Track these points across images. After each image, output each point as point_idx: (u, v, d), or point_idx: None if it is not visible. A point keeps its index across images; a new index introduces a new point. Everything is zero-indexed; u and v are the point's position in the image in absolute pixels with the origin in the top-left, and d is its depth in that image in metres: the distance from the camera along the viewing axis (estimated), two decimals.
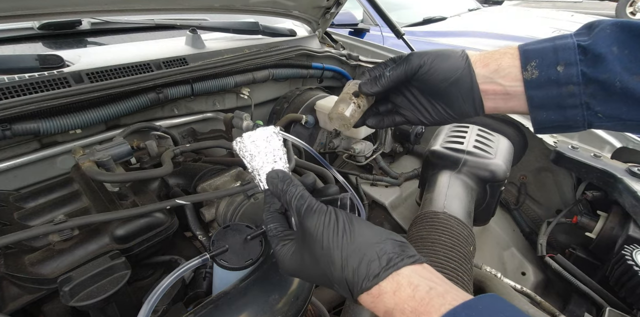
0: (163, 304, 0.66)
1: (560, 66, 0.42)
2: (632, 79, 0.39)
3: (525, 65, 0.44)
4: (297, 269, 0.44)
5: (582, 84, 0.41)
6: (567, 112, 0.44)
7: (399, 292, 0.37)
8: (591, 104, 0.42)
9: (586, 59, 0.41)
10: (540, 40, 0.46)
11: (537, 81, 0.44)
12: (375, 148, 1.40)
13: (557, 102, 0.44)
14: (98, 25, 1.40)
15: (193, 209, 0.84)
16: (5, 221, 0.71)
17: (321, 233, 0.41)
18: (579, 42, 0.41)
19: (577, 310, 0.93)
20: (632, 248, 0.83)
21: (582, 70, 0.41)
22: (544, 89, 0.44)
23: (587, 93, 0.42)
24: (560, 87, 0.43)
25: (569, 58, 0.42)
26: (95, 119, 0.98)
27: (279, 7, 1.38)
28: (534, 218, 1.35)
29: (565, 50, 0.42)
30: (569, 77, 0.42)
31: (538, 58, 0.44)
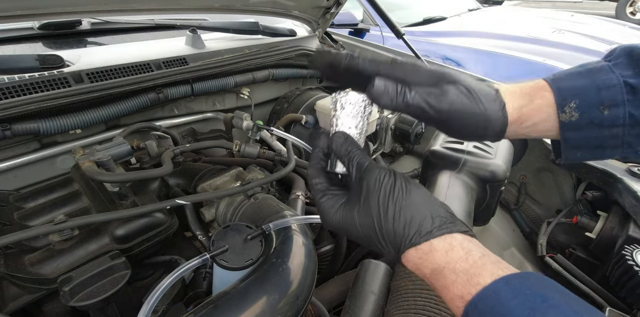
0: (163, 304, 0.66)
1: (604, 108, 0.37)
2: None
3: (562, 106, 0.39)
4: (342, 222, 0.42)
5: (628, 125, 0.38)
6: (604, 152, 0.41)
7: (451, 252, 0.35)
8: (633, 144, 0.39)
9: (635, 99, 0.37)
10: (574, 74, 0.41)
11: (576, 123, 0.39)
12: (375, 148, 1.40)
13: (596, 143, 0.40)
14: (98, 25, 1.40)
15: (193, 209, 0.84)
16: (5, 221, 0.71)
17: (379, 187, 0.40)
18: (625, 79, 0.37)
19: None
20: (632, 248, 0.83)
21: (629, 112, 0.37)
22: (583, 131, 0.39)
23: (633, 134, 0.38)
24: (602, 129, 0.39)
25: (615, 98, 0.37)
26: (95, 119, 0.98)
27: (279, 7, 1.38)
28: (534, 218, 1.35)
29: (610, 88, 0.37)
30: (614, 119, 0.38)
31: (577, 98, 0.39)
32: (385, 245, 0.39)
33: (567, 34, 3.02)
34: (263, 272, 0.59)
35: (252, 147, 0.97)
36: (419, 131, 1.39)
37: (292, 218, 0.68)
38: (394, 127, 1.38)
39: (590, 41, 2.85)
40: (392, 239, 0.38)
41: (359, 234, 0.41)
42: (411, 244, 0.37)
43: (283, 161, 1.00)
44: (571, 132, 0.40)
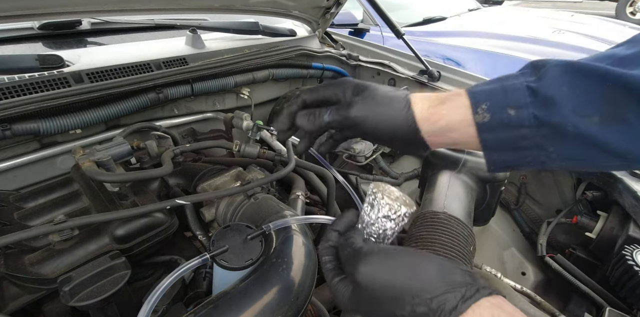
0: (163, 304, 0.66)
1: (511, 109, 0.40)
2: (584, 122, 0.37)
3: (476, 108, 0.43)
4: (357, 309, 0.42)
5: (535, 126, 0.40)
6: (519, 153, 0.43)
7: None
8: (545, 146, 0.41)
9: (536, 101, 0.39)
10: (488, 81, 0.44)
11: (489, 124, 0.42)
12: (375, 148, 1.40)
13: (510, 145, 0.42)
14: (98, 25, 1.40)
15: (193, 209, 0.84)
16: (5, 221, 0.71)
17: (378, 278, 0.39)
18: (527, 83, 0.40)
19: (577, 310, 0.93)
20: (633, 248, 0.83)
21: (533, 113, 0.39)
22: (496, 132, 0.42)
23: (540, 135, 0.40)
24: (512, 130, 0.41)
25: (519, 100, 0.40)
26: (95, 119, 0.98)
27: (279, 7, 1.38)
28: (534, 218, 1.35)
29: (515, 91, 0.41)
30: (521, 120, 0.40)
31: (488, 100, 0.42)
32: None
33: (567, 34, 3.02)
34: (263, 272, 0.59)
35: (252, 147, 0.97)
36: None
37: (292, 218, 0.68)
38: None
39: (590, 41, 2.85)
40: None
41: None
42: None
43: (283, 161, 1.00)
44: (486, 134, 0.43)
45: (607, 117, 0.36)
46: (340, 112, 0.48)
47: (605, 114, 0.36)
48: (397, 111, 0.46)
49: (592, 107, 0.37)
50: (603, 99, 0.36)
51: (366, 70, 1.69)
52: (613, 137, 0.37)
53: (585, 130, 0.37)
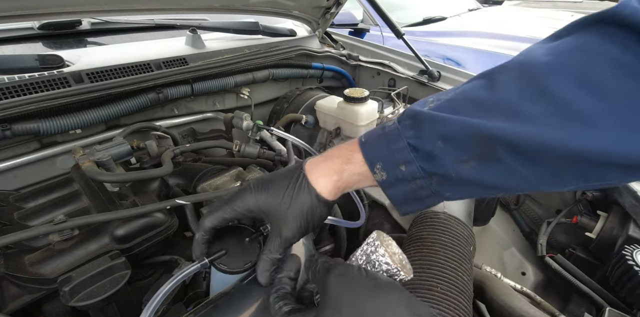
0: (163, 304, 0.66)
1: (401, 166, 0.44)
2: (463, 168, 0.41)
3: (372, 168, 0.46)
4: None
5: (426, 177, 0.44)
6: (424, 201, 0.47)
7: None
8: (441, 192, 0.45)
9: (419, 156, 0.43)
10: (376, 137, 0.47)
11: (388, 182, 0.46)
12: None
13: (413, 196, 0.46)
14: (98, 25, 1.40)
15: (193, 209, 0.84)
16: (5, 221, 0.71)
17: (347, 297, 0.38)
18: (408, 141, 0.44)
19: (577, 310, 0.93)
20: (633, 248, 0.83)
21: (420, 166, 0.43)
22: (398, 187, 0.46)
23: (434, 183, 0.44)
24: (409, 183, 0.45)
25: (405, 157, 0.44)
26: (95, 119, 0.98)
27: (279, 7, 1.38)
28: (534, 218, 1.35)
29: (400, 150, 0.44)
30: (413, 173, 0.44)
31: (380, 161, 0.46)
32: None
33: None
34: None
35: (252, 147, 0.97)
36: None
37: None
38: None
39: None
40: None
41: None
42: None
43: (283, 161, 1.00)
44: (390, 190, 0.47)
45: (481, 159, 0.40)
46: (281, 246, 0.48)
47: (479, 157, 0.40)
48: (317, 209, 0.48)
49: (467, 154, 0.41)
50: (474, 146, 0.40)
51: (366, 70, 1.69)
52: (489, 175, 0.40)
53: (466, 175, 0.41)
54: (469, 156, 0.41)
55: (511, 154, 0.38)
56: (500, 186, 0.41)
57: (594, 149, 0.33)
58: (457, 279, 0.68)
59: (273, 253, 0.48)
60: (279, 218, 0.48)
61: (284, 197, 0.48)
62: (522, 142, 0.36)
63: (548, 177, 0.38)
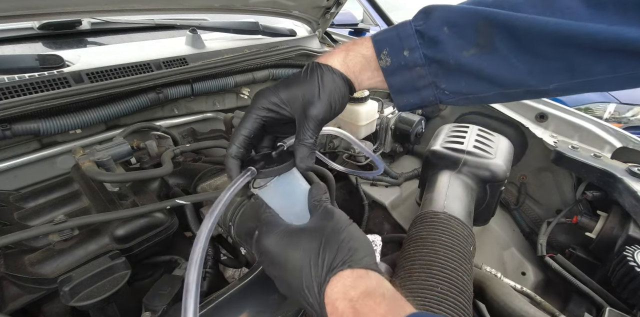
0: (163, 304, 0.65)
1: (405, 51, 0.46)
2: (462, 55, 0.43)
3: (379, 54, 0.48)
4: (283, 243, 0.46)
5: (427, 65, 0.46)
6: (421, 93, 0.49)
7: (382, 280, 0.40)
8: (437, 82, 0.47)
9: (425, 42, 0.46)
10: (387, 29, 0.50)
11: (391, 68, 0.48)
12: (375, 148, 1.40)
13: (411, 85, 0.48)
14: (98, 25, 1.40)
15: (193, 209, 0.84)
16: (5, 221, 0.71)
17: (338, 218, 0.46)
18: (416, 28, 0.46)
19: (577, 310, 0.93)
20: (634, 249, 0.83)
21: (423, 53, 0.46)
22: (398, 74, 0.48)
23: (432, 73, 0.46)
24: (410, 70, 0.47)
25: (411, 43, 0.46)
26: (95, 119, 0.98)
27: (279, 7, 1.38)
28: (534, 218, 1.35)
29: (407, 36, 0.47)
30: (415, 60, 0.46)
31: (387, 46, 0.48)
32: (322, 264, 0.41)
33: None
34: (263, 272, 0.60)
35: None
36: (419, 131, 1.39)
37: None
38: (394, 127, 1.38)
39: None
40: (330, 259, 0.41)
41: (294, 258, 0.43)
42: (349, 266, 0.40)
43: None
44: (391, 77, 0.49)
45: (480, 48, 0.42)
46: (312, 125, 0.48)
47: (479, 45, 0.42)
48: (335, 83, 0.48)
49: (468, 41, 0.43)
50: (475, 33, 0.42)
51: None
52: (485, 64, 0.43)
53: (464, 61, 0.44)
54: (470, 44, 0.43)
55: (507, 40, 0.41)
56: (494, 77, 0.43)
57: (583, 32, 0.36)
58: (457, 279, 0.68)
59: (308, 138, 0.48)
60: (303, 103, 0.47)
61: (300, 81, 0.48)
62: (520, 25, 0.39)
63: (537, 69, 0.41)
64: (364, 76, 0.50)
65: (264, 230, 0.48)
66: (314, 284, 0.41)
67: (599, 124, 1.18)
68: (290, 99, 0.47)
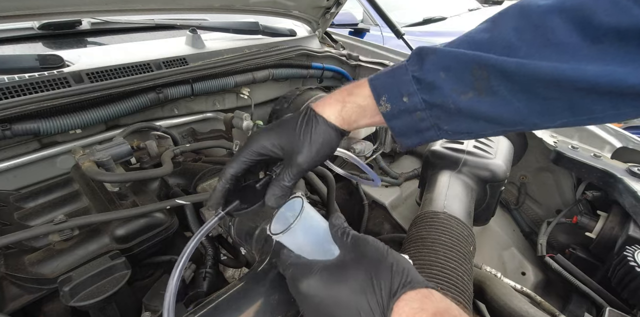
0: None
1: (405, 97, 0.47)
2: (461, 99, 0.44)
3: (378, 100, 0.49)
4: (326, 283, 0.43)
5: (427, 109, 0.47)
6: (424, 134, 0.49)
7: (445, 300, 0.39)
8: (439, 124, 0.48)
9: (422, 88, 0.46)
10: (384, 73, 0.50)
11: (391, 113, 0.49)
12: (375, 148, 1.40)
13: (414, 128, 0.49)
14: (98, 25, 1.40)
15: (193, 209, 0.84)
16: (5, 221, 0.71)
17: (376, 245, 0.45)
18: (412, 73, 0.47)
19: (577, 310, 0.93)
20: (634, 249, 0.83)
21: (422, 98, 0.46)
22: (400, 119, 0.49)
23: (433, 116, 0.47)
24: (411, 115, 0.48)
25: (409, 89, 0.47)
26: (95, 119, 0.98)
27: (279, 7, 1.38)
28: (534, 218, 1.35)
29: (405, 83, 0.47)
30: (415, 105, 0.47)
31: (386, 93, 0.48)
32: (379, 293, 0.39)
33: None
34: (263, 272, 0.59)
35: None
36: None
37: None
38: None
39: None
40: (388, 285, 0.39)
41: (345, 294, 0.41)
42: (410, 287, 0.39)
43: None
44: (392, 121, 0.49)
45: (479, 91, 0.43)
46: (294, 171, 0.49)
47: (477, 89, 0.43)
48: (328, 136, 0.50)
49: (466, 85, 0.43)
50: (472, 77, 0.43)
51: (366, 70, 1.69)
52: (484, 107, 0.43)
53: (463, 105, 0.44)
54: (467, 87, 0.43)
55: (504, 83, 0.41)
56: (495, 118, 0.44)
57: (581, 77, 0.36)
58: (457, 279, 0.68)
59: (284, 181, 0.50)
60: (292, 149, 0.49)
61: (294, 129, 0.50)
62: (515, 70, 0.39)
63: (538, 109, 0.41)
64: (361, 122, 0.51)
65: (297, 274, 0.45)
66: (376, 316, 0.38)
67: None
68: (282, 145, 0.50)
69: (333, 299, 0.40)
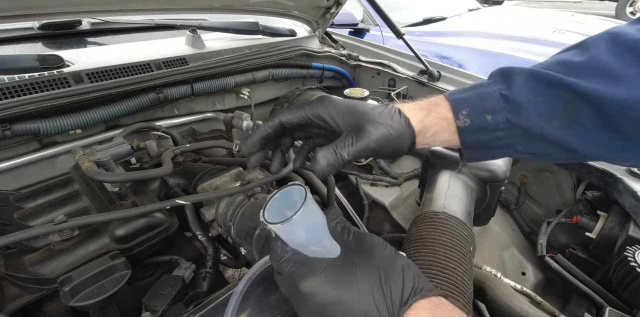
0: (163, 304, 0.65)
1: (488, 114, 0.46)
2: (548, 126, 0.43)
3: (457, 114, 0.48)
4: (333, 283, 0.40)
5: (509, 129, 0.46)
6: (495, 151, 0.49)
7: (454, 309, 0.38)
8: (515, 144, 0.47)
9: (510, 107, 0.45)
10: (464, 89, 0.49)
11: (469, 128, 0.47)
12: None
13: (487, 145, 0.48)
14: (98, 25, 1.40)
15: (193, 209, 0.84)
16: (5, 221, 0.71)
17: (383, 244, 0.44)
18: (500, 91, 0.45)
19: (577, 310, 0.93)
20: (635, 249, 0.83)
21: (507, 117, 0.45)
22: (476, 134, 0.48)
23: (512, 135, 0.46)
24: (490, 133, 0.47)
25: (494, 107, 0.45)
26: (95, 119, 0.98)
27: (279, 7, 1.38)
28: (534, 218, 1.35)
29: (490, 98, 0.46)
30: (497, 123, 0.46)
31: (467, 107, 0.47)
32: (389, 297, 0.37)
33: (567, 33, 3.02)
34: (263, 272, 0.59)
35: None
36: None
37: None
38: None
39: None
40: (399, 290, 0.37)
41: (351, 298, 0.38)
42: (422, 295, 0.38)
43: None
44: (467, 136, 0.48)
45: (565, 120, 0.42)
46: (360, 145, 0.45)
47: (564, 118, 0.42)
48: (403, 131, 0.48)
49: (553, 112, 0.42)
50: (561, 105, 0.42)
51: (366, 70, 1.69)
52: (570, 138, 0.42)
53: (549, 132, 0.43)
54: (555, 115, 0.42)
55: (594, 119, 0.40)
56: (575, 149, 0.43)
57: None
58: (457, 279, 0.68)
59: (344, 151, 0.45)
60: (360, 128, 0.46)
61: (369, 112, 0.47)
62: (611, 104, 0.38)
63: (618, 147, 0.41)
64: (439, 137, 0.49)
65: (299, 272, 0.41)
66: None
67: None
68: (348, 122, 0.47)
69: (338, 302, 0.38)
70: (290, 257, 0.43)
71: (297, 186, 0.46)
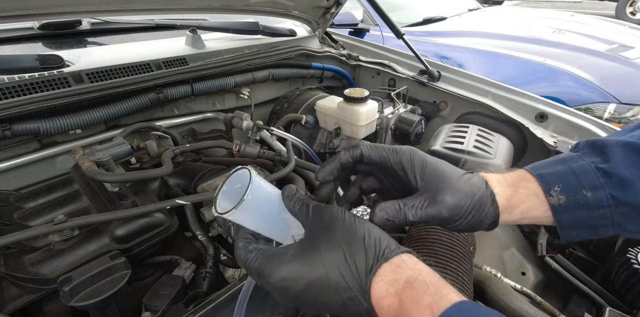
0: (163, 304, 0.66)
1: (587, 191, 0.42)
2: None
3: (548, 190, 0.44)
4: (300, 267, 0.40)
5: (614, 206, 0.41)
6: (597, 230, 0.44)
7: (418, 264, 0.37)
8: (623, 224, 0.42)
9: (611, 182, 0.41)
10: (549, 162, 0.46)
11: (565, 206, 0.43)
12: None
13: (588, 224, 0.44)
14: (98, 25, 1.40)
15: (193, 209, 0.84)
16: (5, 221, 0.71)
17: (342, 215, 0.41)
18: (596, 165, 0.42)
19: (577, 310, 0.93)
20: (637, 251, 0.83)
21: (611, 194, 0.41)
22: (574, 213, 0.43)
23: (619, 213, 0.42)
24: (591, 211, 0.42)
25: (593, 182, 0.42)
26: (95, 119, 0.98)
27: (279, 7, 1.38)
28: None
29: (585, 173, 0.42)
30: (599, 201, 0.42)
31: (560, 183, 0.43)
32: (355, 270, 0.37)
33: (567, 34, 3.02)
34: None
35: (252, 147, 0.97)
36: (419, 131, 1.39)
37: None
38: (394, 127, 1.38)
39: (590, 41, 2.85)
40: (363, 261, 0.37)
41: (320, 277, 0.38)
42: (384, 259, 0.37)
43: (283, 160, 1.00)
44: (563, 215, 0.44)
45: None
46: (431, 210, 0.43)
47: None
48: (486, 209, 0.44)
49: None
50: None
51: (366, 70, 1.69)
52: None
53: None
54: None
55: None
56: None
57: None
58: (457, 279, 0.68)
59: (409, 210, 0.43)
60: (441, 189, 0.43)
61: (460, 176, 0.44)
62: None
63: None
64: (528, 214, 0.46)
65: (266, 267, 0.40)
66: (356, 294, 0.37)
67: (599, 124, 1.17)
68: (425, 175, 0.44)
69: (310, 286, 0.38)
70: (255, 256, 0.42)
71: (242, 169, 0.44)
